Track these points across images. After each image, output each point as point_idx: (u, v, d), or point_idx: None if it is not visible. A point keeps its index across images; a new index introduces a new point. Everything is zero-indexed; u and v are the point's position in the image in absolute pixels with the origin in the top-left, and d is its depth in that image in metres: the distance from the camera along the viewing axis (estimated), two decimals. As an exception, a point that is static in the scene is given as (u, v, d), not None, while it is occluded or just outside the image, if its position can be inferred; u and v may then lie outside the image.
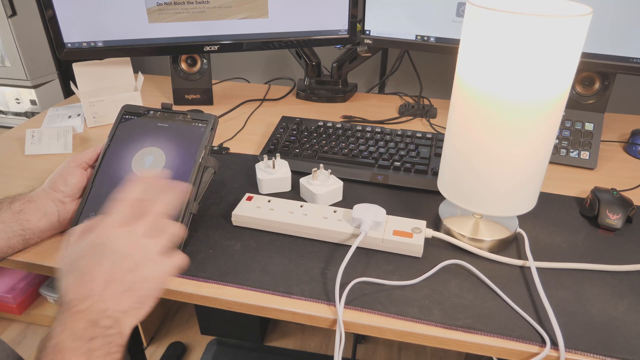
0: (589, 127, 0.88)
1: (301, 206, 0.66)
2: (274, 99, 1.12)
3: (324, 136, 0.86)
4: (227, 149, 0.87)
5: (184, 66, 1.05)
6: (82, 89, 0.97)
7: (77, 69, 0.95)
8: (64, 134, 0.89)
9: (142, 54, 0.98)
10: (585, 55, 0.84)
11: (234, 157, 0.84)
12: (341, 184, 0.71)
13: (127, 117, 0.68)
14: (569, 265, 0.60)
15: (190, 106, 1.06)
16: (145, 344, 1.43)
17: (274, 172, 0.73)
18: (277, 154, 0.75)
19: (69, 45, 0.93)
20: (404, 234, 0.61)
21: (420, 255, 0.61)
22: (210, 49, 0.99)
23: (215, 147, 0.87)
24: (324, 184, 0.70)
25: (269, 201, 0.67)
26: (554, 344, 0.50)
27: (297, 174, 0.75)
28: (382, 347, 1.43)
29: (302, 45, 1.05)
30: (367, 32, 1.00)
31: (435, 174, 0.76)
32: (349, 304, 0.54)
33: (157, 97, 1.12)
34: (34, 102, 1.40)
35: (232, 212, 0.66)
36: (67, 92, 1.44)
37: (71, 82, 0.97)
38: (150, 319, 1.46)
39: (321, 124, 0.90)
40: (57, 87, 1.44)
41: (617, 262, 0.61)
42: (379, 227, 0.61)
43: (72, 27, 0.91)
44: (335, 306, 0.54)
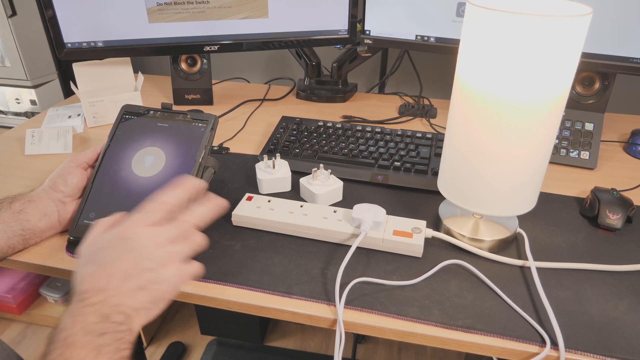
0: (589, 127, 0.88)
1: (301, 206, 0.66)
2: (274, 99, 1.12)
3: (324, 136, 0.86)
4: (227, 149, 0.87)
5: (184, 66, 1.05)
6: (82, 89, 0.97)
7: (77, 69, 0.95)
8: (64, 134, 0.89)
9: (142, 54, 0.98)
10: (585, 55, 0.84)
11: (234, 157, 0.84)
12: (341, 184, 0.71)
13: (127, 117, 0.68)
14: (569, 265, 0.60)
15: (190, 106, 1.06)
16: (145, 344, 1.43)
17: (274, 172, 0.73)
18: (277, 154, 0.75)
19: (69, 45, 0.93)
20: (404, 234, 0.61)
21: (420, 255, 0.61)
22: (210, 49, 0.99)
23: (215, 147, 0.87)
24: (324, 184, 0.70)
25: (269, 201, 0.67)
26: (554, 344, 0.50)
27: (297, 174, 0.75)
28: (382, 347, 1.43)
29: (302, 45, 1.05)
30: (367, 32, 1.00)
31: (435, 174, 0.76)
32: (349, 304, 0.54)
33: (157, 97, 1.12)
34: (34, 102, 1.40)
35: (232, 212, 0.66)
36: (67, 92, 1.44)
37: (71, 82, 0.97)
38: (150, 319, 1.45)
39: (321, 124, 0.90)
40: (57, 87, 1.44)
41: (617, 262, 0.61)
42: (379, 227, 0.61)
43: (72, 27, 0.91)
44: (335, 306, 0.54)
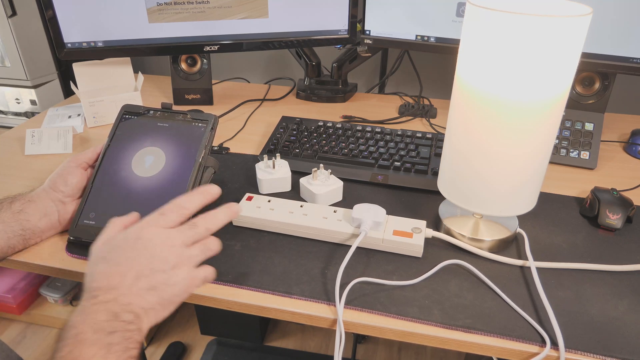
0: (589, 127, 0.88)
1: (301, 206, 0.66)
2: (274, 99, 1.12)
3: (324, 136, 0.86)
4: (227, 149, 0.87)
5: (184, 66, 1.05)
6: (82, 89, 0.97)
7: (77, 69, 0.95)
8: (64, 134, 0.89)
9: (142, 54, 0.98)
10: (585, 55, 0.84)
11: (234, 157, 0.84)
12: (341, 184, 0.71)
13: (127, 117, 0.68)
14: (569, 265, 0.60)
15: (190, 106, 1.06)
16: (145, 344, 1.43)
17: (274, 172, 0.73)
18: (277, 154, 0.75)
19: (69, 45, 0.93)
20: (404, 234, 0.61)
21: (420, 255, 0.61)
22: (210, 49, 0.99)
23: (215, 147, 0.87)
24: (324, 184, 0.70)
25: (269, 201, 0.67)
26: (554, 344, 0.50)
27: (297, 174, 0.75)
28: (382, 347, 1.43)
29: (302, 45, 1.05)
30: (367, 32, 1.00)
31: (435, 174, 0.76)
32: (349, 304, 0.54)
33: (157, 97, 1.12)
34: (34, 102, 1.40)
35: (232, 212, 0.66)
36: (67, 92, 1.44)
37: (71, 82, 0.97)
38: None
39: (321, 124, 0.90)
40: (57, 87, 1.44)
41: (617, 262, 0.61)
42: (379, 227, 0.61)
43: (72, 27, 0.91)
44: (335, 306, 0.54)
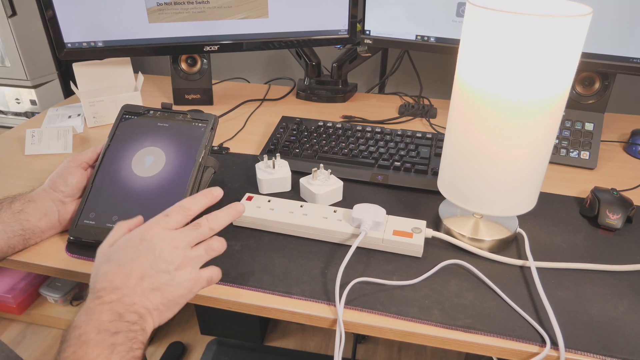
0: (589, 127, 0.88)
1: (301, 206, 0.66)
2: (274, 99, 1.12)
3: (324, 136, 0.86)
4: (227, 149, 0.87)
5: (184, 66, 1.05)
6: (82, 89, 0.97)
7: (77, 69, 0.95)
8: (64, 134, 0.89)
9: (142, 54, 0.98)
10: (585, 55, 0.84)
11: (234, 157, 0.84)
12: (341, 184, 0.71)
13: (127, 117, 0.68)
14: (569, 265, 0.60)
15: (190, 106, 1.06)
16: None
17: (274, 172, 0.73)
18: (277, 154, 0.75)
19: (69, 45, 0.93)
20: (404, 234, 0.61)
21: (420, 255, 0.61)
22: (210, 49, 0.99)
23: (215, 147, 0.87)
24: (324, 184, 0.70)
25: (269, 201, 0.67)
26: (554, 344, 0.50)
27: (297, 174, 0.75)
28: (382, 347, 1.43)
29: (302, 45, 1.05)
30: (367, 32, 1.00)
31: (435, 174, 0.76)
32: (349, 304, 0.54)
33: (157, 97, 1.12)
34: (34, 102, 1.40)
35: (232, 212, 0.65)
36: (67, 92, 1.44)
37: (71, 82, 0.97)
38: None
39: (321, 124, 0.90)
40: (57, 87, 1.44)
41: (617, 262, 0.61)
42: (379, 227, 0.61)
43: (72, 27, 0.91)
44: (335, 306, 0.54)
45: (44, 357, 1.38)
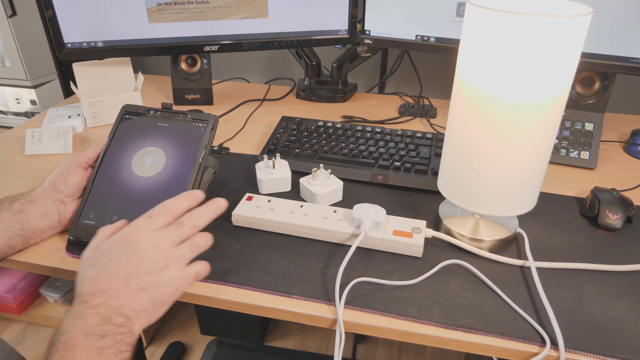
0: (589, 127, 0.88)
1: (301, 206, 0.66)
2: (274, 99, 1.12)
3: (324, 136, 0.86)
4: (227, 149, 0.87)
5: (184, 66, 1.05)
6: (82, 89, 0.97)
7: (77, 69, 0.95)
8: (64, 134, 0.89)
9: (142, 54, 0.98)
10: (585, 55, 0.84)
11: (234, 157, 0.84)
12: (341, 184, 0.71)
13: (127, 116, 0.68)
14: (569, 265, 0.60)
15: (190, 106, 1.06)
16: (145, 344, 1.43)
17: (274, 172, 0.73)
18: (277, 154, 0.75)
19: (69, 45, 0.93)
20: (404, 234, 0.61)
21: (420, 255, 0.61)
22: (210, 49, 0.99)
23: (215, 147, 0.87)
24: (324, 184, 0.70)
25: (269, 201, 0.67)
26: (554, 344, 0.50)
27: (297, 174, 0.75)
28: (382, 347, 1.43)
29: (302, 45, 1.05)
30: (367, 32, 1.00)
31: (435, 174, 0.76)
32: (349, 304, 0.54)
33: (157, 97, 1.12)
34: (34, 102, 1.40)
35: (232, 212, 0.66)
36: (67, 92, 1.44)
37: (71, 82, 0.97)
38: (150, 319, 1.45)
39: (321, 124, 0.90)
40: (57, 87, 1.44)
41: (617, 262, 0.61)
42: (379, 227, 0.61)
43: (72, 27, 0.91)
44: (335, 306, 0.54)
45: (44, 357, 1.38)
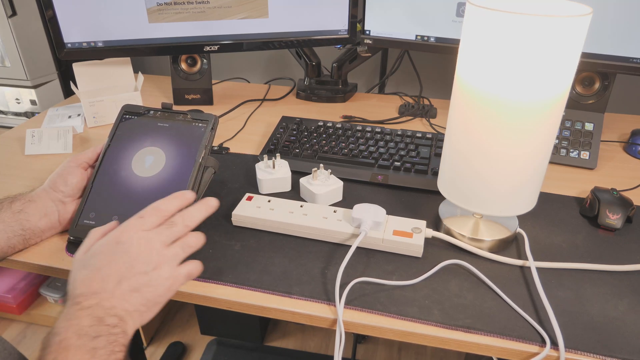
0: (589, 127, 0.88)
1: (301, 206, 0.66)
2: (274, 99, 1.12)
3: (324, 136, 0.86)
4: (227, 149, 0.87)
5: (184, 66, 1.05)
6: (82, 89, 0.97)
7: (77, 69, 0.95)
8: (64, 134, 0.89)
9: (142, 54, 0.98)
10: (585, 55, 0.84)
11: (234, 157, 0.84)
12: (341, 184, 0.71)
13: (127, 117, 0.68)
14: (569, 265, 0.60)
15: (190, 106, 1.06)
16: (145, 344, 1.43)
17: (274, 172, 0.73)
18: (277, 154, 0.75)
19: (69, 45, 0.93)
20: (404, 234, 0.61)
21: (420, 255, 0.61)
22: (210, 49, 0.99)
23: (215, 147, 0.87)
24: (324, 184, 0.70)
25: (269, 201, 0.67)
26: (554, 344, 0.50)
27: (297, 174, 0.75)
28: (382, 347, 1.43)
29: (302, 45, 1.05)
30: (367, 32, 1.00)
31: (435, 174, 0.76)
32: (349, 304, 0.54)
33: (157, 97, 1.12)
34: (34, 102, 1.40)
35: (232, 212, 0.66)
36: (67, 92, 1.44)
37: (71, 82, 0.97)
38: (150, 319, 1.46)
39: (321, 124, 0.90)
40: (57, 87, 1.44)
41: (617, 262, 0.61)
42: (379, 227, 0.61)
43: (72, 27, 0.91)
44: (335, 306, 0.54)
45: (44, 357, 1.38)
